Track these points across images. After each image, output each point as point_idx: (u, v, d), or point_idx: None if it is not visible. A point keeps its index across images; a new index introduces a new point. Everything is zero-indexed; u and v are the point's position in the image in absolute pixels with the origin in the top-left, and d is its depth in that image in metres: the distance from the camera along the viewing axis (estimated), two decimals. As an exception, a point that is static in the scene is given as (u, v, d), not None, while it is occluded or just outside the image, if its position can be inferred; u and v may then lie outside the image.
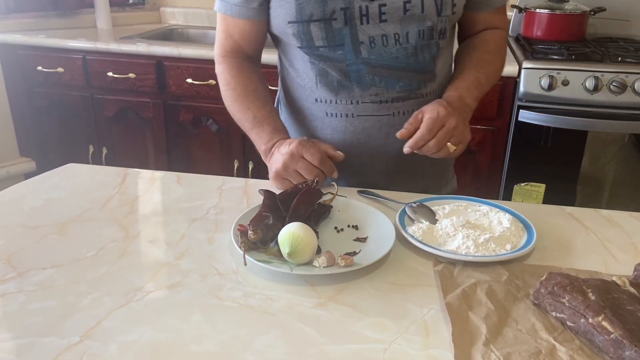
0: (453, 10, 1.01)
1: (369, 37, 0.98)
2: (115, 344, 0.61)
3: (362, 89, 1.02)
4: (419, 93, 1.05)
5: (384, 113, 1.04)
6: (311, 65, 1.04)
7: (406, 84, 1.03)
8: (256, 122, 1.04)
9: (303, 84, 1.08)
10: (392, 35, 0.98)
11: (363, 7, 0.96)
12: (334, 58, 1.01)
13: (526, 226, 0.86)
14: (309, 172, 0.94)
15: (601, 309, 0.62)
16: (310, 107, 1.09)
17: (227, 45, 1.11)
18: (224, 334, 0.63)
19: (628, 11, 2.32)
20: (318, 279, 0.74)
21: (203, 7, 2.81)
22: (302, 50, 1.02)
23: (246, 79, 1.09)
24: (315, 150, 0.95)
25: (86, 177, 1.06)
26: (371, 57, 1.00)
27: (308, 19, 0.97)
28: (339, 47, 0.99)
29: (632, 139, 1.99)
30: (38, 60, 2.34)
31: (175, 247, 0.82)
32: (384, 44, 0.99)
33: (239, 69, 1.10)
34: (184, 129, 2.32)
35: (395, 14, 0.97)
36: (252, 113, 1.05)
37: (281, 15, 1.00)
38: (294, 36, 1.00)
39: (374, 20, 0.97)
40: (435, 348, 0.62)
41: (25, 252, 0.79)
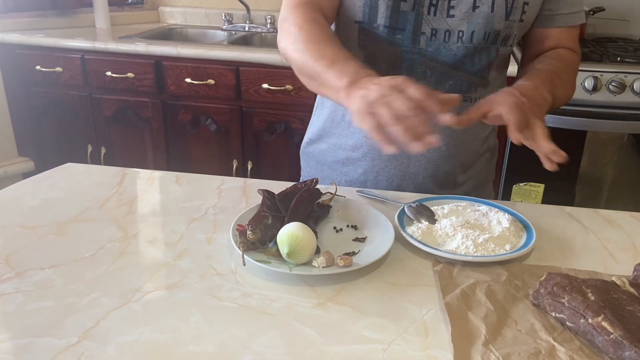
0: (522, 17, 0.97)
1: (432, 29, 0.96)
2: (114, 344, 0.61)
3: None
4: (469, 96, 1.02)
5: None
6: (359, 48, 1.00)
7: (457, 84, 1.00)
8: (338, 58, 0.85)
9: None
10: (456, 32, 0.96)
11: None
12: (391, 41, 0.97)
13: (525, 226, 0.86)
14: (410, 108, 0.69)
15: (601, 310, 0.62)
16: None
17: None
18: (222, 334, 0.63)
19: (627, 11, 2.32)
20: (317, 279, 0.73)
21: (202, 7, 2.81)
22: (361, 26, 0.97)
23: (323, 26, 0.93)
24: (422, 87, 0.71)
25: (85, 176, 1.06)
26: (428, 49, 0.97)
27: None
28: (399, 31, 0.96)
29: (631, 138, 1.99)
30: (36, 60, 2.33)
31: (174, 247, 0.82)
32: (445, 39, 0.96)
33: (314, 17, 0.94)
34: (183, 129, 2.31)
35: (464, 10, 0.94)
36: (332, 50, 0.87)
37: None
38: (359, 8, 0.96)
39: (441, 13, 0.95)
40: (434, 348, 0.62)
41: (23, 252, 0.79)
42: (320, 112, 1.15)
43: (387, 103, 0.70)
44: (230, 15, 2.70)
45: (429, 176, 1.07)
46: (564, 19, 1.03)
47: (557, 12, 1.02)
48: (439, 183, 1.08)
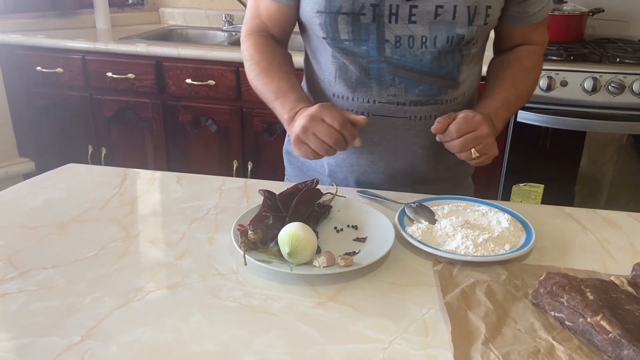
0: (486, 20, 0.97)
1: (395, 37, 0.97)
2: (116, 343, 0.61)
3: (381, 88, 1.01)
4: (439, 99, 1.03)
5: (401, 115, 1.03)
6: (332, 59, 1.03)
7: (426, 89, 1.02)
8: (280, 92, 1.01)
9: (323, 78, 1.07)
10: (420, 37, 0.97)
11: (394, 5, 0.94)
12: (357, 53, 0.99)
13: (525, 226, 0.86)
14: (329, 135, 0.89)
15: (599, 309, 0.62)
16: (328, 102, 1.06)
17: (254, 25, 1.11)
18: (224, 334, 0.63)
19: (626, 12, 2.33)
20: (318, 279, 0.74)
21: (202, 8, 2.81)
22: (326, 42, 1.01)
23: (271, 54, 1.07)
24: (337, 114, 0.90)
25: (86, 177, 1.06)
26: (394, 56, 0.99)
27: (336, 10, 0.96)
28: (364, 42, 0.98)
29: (630, 139, 2.00)
30: (37, 61, 2.34)
31: (175, 247, 0.82)
32: (409, 45, 0.97)
33: (264, 45, 1.08)
34: (183, 129, 2.32)
35: (425, 17, 0.95)
36: (275, 84, 1.02)
37: (310, 3, 0.99)
38: (320, 26, 0.99)
39: (402, 21, 0.96)
40: (434, 348, 0.62)
41: (25, 252, 0.80)
42: None
43: (311, 135, 0.90)
44: (231, 16, 2.70)
45: (407, 175, 1.10)
46: (535, 17, 1.05)
47: (528, 14, 1.04)
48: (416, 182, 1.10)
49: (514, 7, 1.02)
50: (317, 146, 0.91)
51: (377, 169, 1.09)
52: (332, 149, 0.91)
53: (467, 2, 0.94)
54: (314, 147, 0.91)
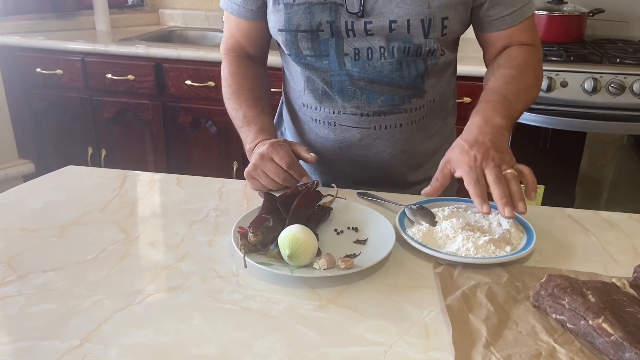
0: (443, 32, 0.96)
1: (354, 49, 0.98)
2: (116, 347, 0.61)
3: (344, 101, 1.03)
4: (403, 108, 1.04)
5: (365, 126, 1.05)
6: (301, 71, 1.06)
7: (388, 99, 1.02)
8: (245, 120, 1.04)
9: (294, 87, 1.11)
10: (378, 48, 0.98)
11: (349, 22, 0.96)
12: (319, 68, 1.02)
13: (526, 228, 0.86)
14: (276, 175, 0.94)
15: (601, 311, 0.62)
16: (299, 111, 1.12)
17: (229, 43, 1.14)
18: (224, 337, 0.63)
19: (626, 13, 2.33)
20: (318, 281, 0.74)
21: (202, 9, 2.81)
22: (291, 58, 1.04)
23: (242, 78, 1.10)
24: (285, 153, 0.94)
25: (86, 179, 1.06)
26: (354, 69, 1.00)
27: (295, 29, 0.98)
28: (325, 57, 1.00)
29: (630, 140, 2.00)
30: (37, 62, 2.34)
31: (175, 249, 0.82)
32: (368, 57, 0.98)
33: (237, 66, 1.11)
34: (183, 131, 2.32)
35: (381, 32, 0.96)
36: (242, 112, 1.05)
37: (272, 22, 1.02)
38: (283, 43, 1.02)
39: (360, 35, 0.97)
40: (435, 350, 0.62)
41: (25, 255, 0.79)
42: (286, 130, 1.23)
43: (260, 172, 0.95)
44: (230, 17, 2.70)
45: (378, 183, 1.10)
46: (506, 21, 1.00)
47: (497, 17, 1.00)
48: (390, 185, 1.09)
49: (482, 12, 1.00)
50: (267, 182, 0.96)
51: (347, 176, 1.11)
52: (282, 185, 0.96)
53: (419, 15, 0.94)
54: (264, 183, 0.96)
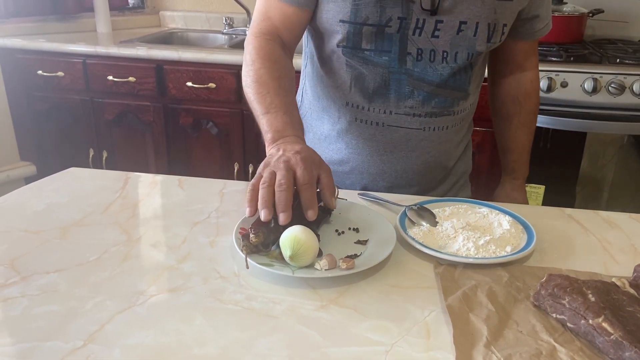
0: (501, 38, 1.01)
1: (417, 49, 0.97)
2: (119, 347, 0.61)
3: (399, 100, 1.01)
4: (451, 110, 1.05)
5: (415, 127, 1.04)
6: (347, 68, 1.02)
7: (441, 101, 1.03)
8: (272, 107, 0.90)
9: (335, 85, 1.05)
10: (441, 52, 0.98)
11: (420, 19, 0.95)
12: (378, 63, 0.99)
13: (526, 228, 0.86)
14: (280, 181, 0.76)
15: (601, 311, 0.62)
16: (340, 110, 1.06)
17: (263, 26, 1.02)
18: (226, 337, 0.63)
19: (626, 13, 2.33)
20: (319, 282, 0.74)
21: (202, 11, 2.82)
22: (345, 50, 0.99)
23: (273, 63, 0.97)
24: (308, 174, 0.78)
25: (87, 181, 1.07)
26: (415, 69, 0.99)
27: (362, 21, 0.95)
28: (386, 53, 0.98)
29: (630, 139, 2.00)
30: (38, 64, 2.34)
31: (177, 250, 0.82)
32: (430, 59, 0.98)
33: (269, 51, 0.98)
34: (184, 132, 2.32)
35: (448, 32, 0.96)
36: (270, 98, 0.91)
37: (333, 11, 0.96)
38: (341, 35, 0.97)
39: (426, 34, 0.96)
40: (436, 350, 0.62)
41: (28, 256, 0.80)
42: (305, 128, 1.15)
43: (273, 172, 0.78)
44: (231, 19, 2.71)
45: (415, 184, 1.11)
46: (539, 33, 1.10)
47: (533, 30, 1.09)
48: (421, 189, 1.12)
49: (523, 23, 1.06)
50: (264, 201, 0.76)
51: (386, 177, 1.09)
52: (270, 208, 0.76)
53: (487, 19, 0.96)
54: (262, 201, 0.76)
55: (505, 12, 0.98)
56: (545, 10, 1.07)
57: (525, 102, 1.17)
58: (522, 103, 1.17)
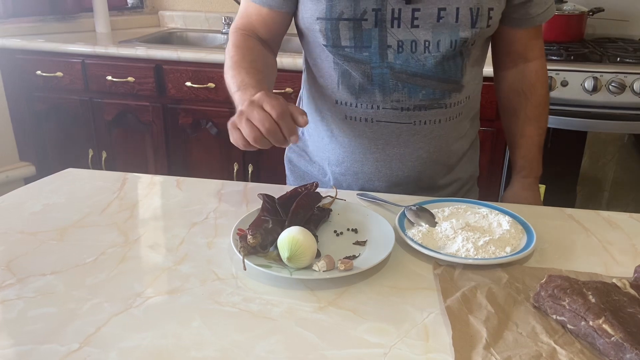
0: (488, 22, 0.97)
1: (398, 41, 0.96)
2: (116, 350, 0.61)
3: (384, 94, 1.00)
4: (443, 103, 1.03)
5: (405, 121, 1.02)
6: (334, 66, 1.02)
7: (430, 93, 1.01)
8: (242, 85, 0.93)
9: (325, 85, 1.05)
10: (422, 42, 0.96)
11: (396, 10, 0.94)
12: (359, 59, 0.99)
13: (526, 228, 0.86)
14: (261, 123, 0.80)
15: (601, 312, 0.62)
16: (330, 109, 1.07)
17: (240, 23, 1.08)
18: (224, 340, 0.63)
19: (626, 11, 2.32)
20: (318, 283, 0.74)
21: (202, 11, 2.82)
22: (327, 49, 1.00)
23: (246, 50, 1.02)
24: (278, 103, 0.81)
25: (86, 181, 1.06)
26: (397, 62, 0.98)
27: (338, 17, 0.95)
28: (366, 48, 0.97)
29: (631, 139, 1.99)
30: (37, 65, 2.34)
31: (174, 252, 0.82)
32: (412, 49, 0.97)
33: (243, 41, 1.04)
34: (184, 133, 2.32)
35: (428, 20, 0.94)
36: (241, 77, 0.95)
37: (310, 10, 0.98)
38: (320, 33, 0.98)
39: (405, 25, 0.95)
40: (435, 352, 0.62)
41: (24, 258, 0.79)
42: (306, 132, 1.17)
43: (244, 120, 0.82)
44: (230, 18, 2.70)
45: (413, 182, 1.09)
46: (538, 19, 1.06)
47: (530, 15, 1.04)
48: (422, 188, 1.10)
49: (516, 8, 1.02)
50: (248, 133, 0.82)
51: (382, 176, 1.08)
52: (264, 139, 0.82)
53: (469, 4, 0.94)
54: (245, 134, 0.82)
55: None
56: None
57: (531, 95, 1.13)
58: (528, 96, 1.13)
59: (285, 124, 0.81)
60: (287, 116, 0.82)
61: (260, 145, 0.83)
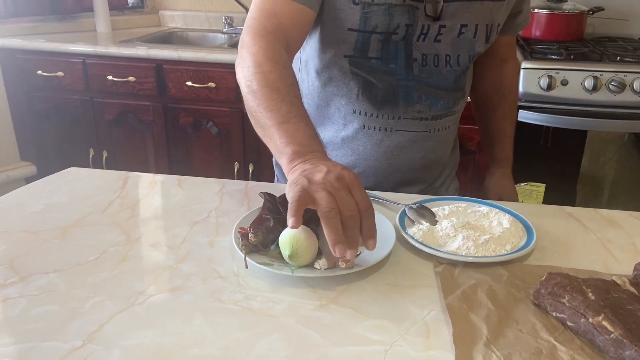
0: (495, 37, 1.04)
1: (422, 55, 0.98)
2: (118, 348, 0.61)
3: (407, 105, 1.02)
4: (454, 110, 1.08)
5: (422, 130, 1.05)
6: (352, 76, 1.00)
7: (446, 103, 1.05)
8: (291, 116, 0.78)
9: (340, 94, 1.03)
10: (444, 56, 0.99)
11: (425, 25, 0.95)
12: (385, 71, 0.99)
13: (526, 226, 0.86)
14: (348, 207, 0.66)
15: (601, 309, 0.62)
16: (345, 117, 1.05)
17: (268, 25, 0.89)
18: (226, 337, 0.63)
19: (626, 11, 2.33)
20: (319, 281, 0.74)
21: (202, 10, 2.82)
22: (350, 59, 0.98)
23: (284, 68, 0.86)
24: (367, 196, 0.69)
25: (87, 181, 1.07)
26: (422, 75, 1.00)
27: (372, 30, 0.94)
28: (392, 60, 0.98)
29: (631, 138, 2.00)
30: (38, 65, 2.34)
31: (176, 250, 0.82)
32: (435, 63, 0.99)
33: (277, 53, 0.87)
34: (184, 132, 2.32)
35: (449, 36, 0.97)
36: (287, 107, 0.79)
37: (342, 20, 0.93)
38: (348, 44, 0.96)
39: (429, 40, 0.97)
40: (436, 349, 0.62)
41: (26, 256, 0.80)
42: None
43: (330, 193, 0.67)
44: (231, 18, 2.71)
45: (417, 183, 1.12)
46: (520, 26, 1.15)
47: (515, 23, 1.13)
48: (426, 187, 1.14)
49: (509, 19, 1.08)
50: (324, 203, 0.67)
51: (391, 179, 1.10)
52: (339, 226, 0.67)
53: (485, 20, 0.99)
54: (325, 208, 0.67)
55: (499, 11, 1.01)
56: (527, 4, 1.12)
57: (508, 94, 1.23)
58: (506, 95, 1.22)
59: (369, 226, 0.68)
60: (373, 216, 0.68)
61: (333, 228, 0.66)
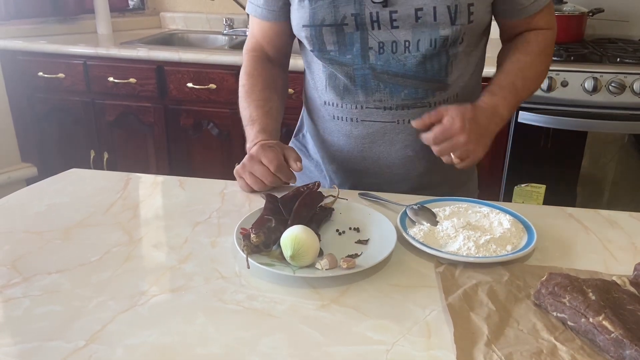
0: (470, 18, 0.96)
1: (379, 43, 0.98)
2: (121, 347, 0.62)
3: (367, 95, 1.03)
4: (426, 102, 1.03)
5: (388, 120, 1.05)
6: (322, 69, 1.06)
7: (412, 92, 1.02)
8: (250, 120, 1.07)
9: (315, 87, 1.11)
10: (403, 42, 0.97)
11: (374, 13, 0.96)
12: (343, 62, 1.02)
13: (527, 227, 0.86)
14: (263, 177, 0.98)
15: (601, 309, 0.63)
16: (320, 110, 1.12)
17: (249, 44, 1.17)
18: (228, 337, 0.64)
19: (626, 12, 2.33)
20: (320, 281, 0.74)
21: (203, 12, 2.82)
22: (314, 54, 1.04)
23: (255, 78, 1.12)
24: (273, 156, 0.97)
25: (89, 182, 1.07)
26: (378, 62, 1.00)
27: (320, 23, 0.99)
28: (349, 51, 1.00)
29: (631, 139, 2.00)
30: (39, 66, 2.35)
31: (178, 251, 0.82)
32: (392, 50, 0.98)
33: (253, 67, 1.13)
34: (185, 133, 2.33)
35: (407, 21, 0.96)
36: (249, 111, 1.08)
37: (297, 18, 1.02)
38: (307, 39, 1.02)
39: (385, 26, 0.97)
40: (437, 349, 0.62)
41: (30, 257, 0.80)
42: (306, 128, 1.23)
43: (248, 172, 1.00)
44: (231, 19, 2.71)
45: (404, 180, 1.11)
46: (531, 8, 1.03)
47: (522, 6, 1.03)
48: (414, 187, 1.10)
49: (504, 1, 1.02)
50: (252, 182, 1.00)
51: (371, 174, 1.11)
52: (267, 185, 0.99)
53: (446, 2, 0.94)
54: (249, 183, 1.00)
55: None
56: None
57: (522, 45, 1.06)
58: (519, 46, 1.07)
59: (283, 174, 0.99)
60: (284, 167, 0.98)
61: (263, 189, 1.00)
